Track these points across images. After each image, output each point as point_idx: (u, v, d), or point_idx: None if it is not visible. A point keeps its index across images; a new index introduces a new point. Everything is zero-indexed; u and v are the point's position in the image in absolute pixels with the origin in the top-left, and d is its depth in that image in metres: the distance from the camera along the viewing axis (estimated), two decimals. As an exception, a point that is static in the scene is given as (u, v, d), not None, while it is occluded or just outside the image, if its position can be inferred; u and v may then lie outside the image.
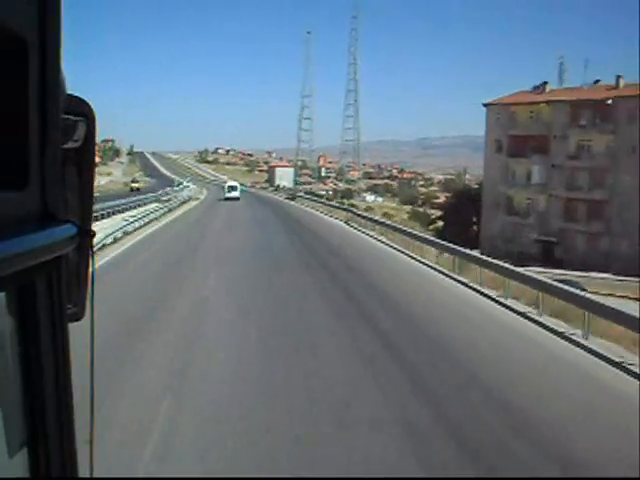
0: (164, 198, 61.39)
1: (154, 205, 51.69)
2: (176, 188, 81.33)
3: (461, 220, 70.00)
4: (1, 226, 0.89)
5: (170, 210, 51.53)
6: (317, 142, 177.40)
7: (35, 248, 0.96)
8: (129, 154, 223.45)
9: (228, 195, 68.90)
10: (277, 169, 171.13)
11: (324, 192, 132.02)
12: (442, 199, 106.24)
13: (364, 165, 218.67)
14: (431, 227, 76.42)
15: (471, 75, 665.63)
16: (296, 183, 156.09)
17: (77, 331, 1.24)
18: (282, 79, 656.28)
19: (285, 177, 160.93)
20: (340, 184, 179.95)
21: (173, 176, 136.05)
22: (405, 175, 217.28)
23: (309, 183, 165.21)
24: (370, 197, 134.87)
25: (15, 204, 0.95)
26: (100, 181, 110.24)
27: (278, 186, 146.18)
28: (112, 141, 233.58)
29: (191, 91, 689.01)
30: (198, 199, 74.63)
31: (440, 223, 79.24)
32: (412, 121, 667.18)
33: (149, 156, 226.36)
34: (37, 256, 0.97)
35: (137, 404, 9.15)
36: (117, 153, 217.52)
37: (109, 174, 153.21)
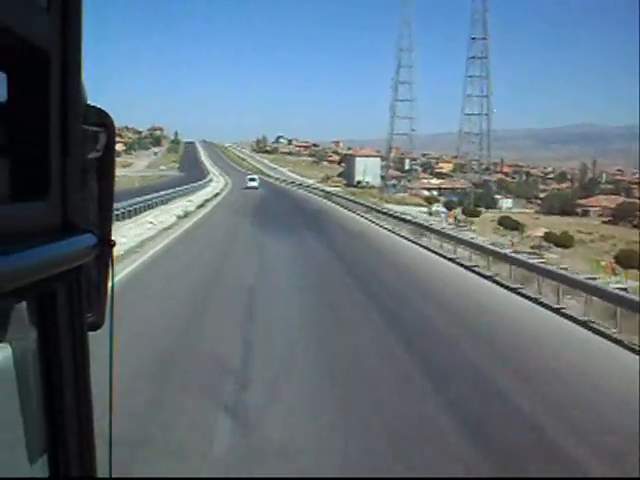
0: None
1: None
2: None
3: None
4: (22, 236, 0.91)
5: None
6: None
7: (56, 258, 0.98)
8: (173, 142, 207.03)
9: (249, 185, 69.99)
10: (358, 159, 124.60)
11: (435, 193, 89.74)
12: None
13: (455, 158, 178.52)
14: None
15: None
16: (382, 178, 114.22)
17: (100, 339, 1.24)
18: (351, 66, 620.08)
19: (370, 170, 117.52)
20: (437, 180, 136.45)
21: (213, 169, 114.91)
22: (505, 169, 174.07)
23: (396, 178, 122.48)
24: (506, 203, 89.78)
25: (36, 214, 0.97)
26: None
27: (359, 182, 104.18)
28: (161, 129, 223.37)
29: (251, 81, 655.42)
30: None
31: None
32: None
33: (198, 145, 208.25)
34: (58, 265, 0.99)
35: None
36: (157, 141, 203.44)
37: (126, 166, 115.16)
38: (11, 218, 0.92)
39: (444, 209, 56.95)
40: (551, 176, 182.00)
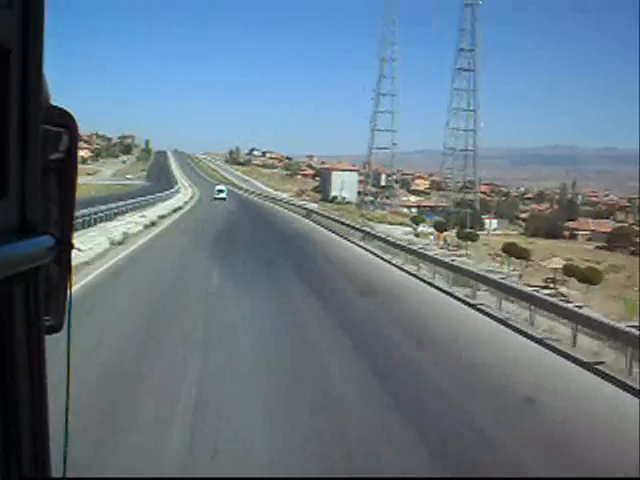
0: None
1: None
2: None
3: None
4: None
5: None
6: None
7: (13, 258, 0.96)
8: (144, 151, 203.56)
9: (217, 195, 69.45)
10: (335, 173, 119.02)
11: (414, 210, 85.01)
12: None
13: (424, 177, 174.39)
14: None
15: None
16: (358, 194, 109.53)
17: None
18: (327, 81, 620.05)
19: (347, 185, 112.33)
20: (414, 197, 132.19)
21: (183, 180, 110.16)
22: (482, 188, 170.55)
23: (373, 194, 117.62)
24: (492, 224, 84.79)
25: None
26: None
27: (335, 197, 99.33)
28: (132, 137, 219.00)
29: (227, 93, 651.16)
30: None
31: None
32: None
33: (170, 155, 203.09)
34: (14, 266, 0.97)
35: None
36: (128, 150, 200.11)
37: (91, 173, 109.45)
38: None
39: (430, 229, 52.12)
40: (529, 196, 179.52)
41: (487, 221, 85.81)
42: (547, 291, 25.11)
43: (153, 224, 34.06)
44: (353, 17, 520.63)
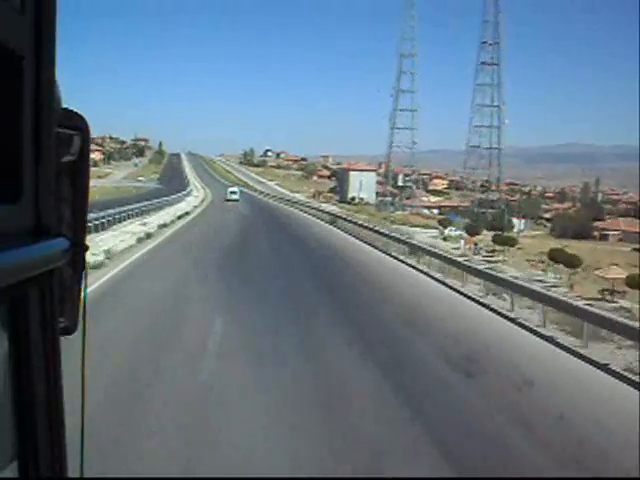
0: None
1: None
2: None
3: None
4: None
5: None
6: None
7: (27, 261, 0.97)
8: (157, 153, 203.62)
9: (229, 197, 68.85)
10: (352, 174, 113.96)
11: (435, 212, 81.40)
12: None
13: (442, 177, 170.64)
14: None
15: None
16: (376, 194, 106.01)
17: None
18: (342, 82, 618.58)
19: (366, 186, 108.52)
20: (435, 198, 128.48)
21: (196, 182, 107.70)
22: (503, 187, 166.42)
23: (392, 194, 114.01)
24: (519, 224, 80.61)
25: (7, 217, 0.96)
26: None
27: (353, 199, 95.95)
28: (146, 140, 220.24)
29: (241, 94, 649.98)
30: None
31: None
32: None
33: (183, 157, 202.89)
34: (29, 269, 0.98)
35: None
36: (141, 152, 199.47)
37: (102, 176, 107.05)
38: None
39: (459, 232, 48.49)
40: (549, 194, 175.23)
41: (516, 222, 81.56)
42: (607, 304, 21.77)
43: (149, 236, 28.77)
44: (366, 18, 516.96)
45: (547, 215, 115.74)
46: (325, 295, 17.68)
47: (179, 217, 42.19)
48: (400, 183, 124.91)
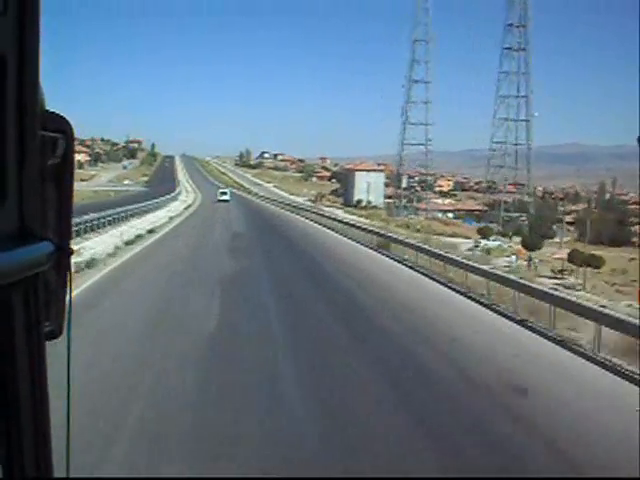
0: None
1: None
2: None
3: None
4: None
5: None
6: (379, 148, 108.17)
7: (12, 265, 0.98)
8: (150, 155, 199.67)
9: (220, 198, 71.76)
10: (358, 174, 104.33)
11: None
12: None
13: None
14: None
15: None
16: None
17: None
18: (339, 82, 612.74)
19: (373, 187, 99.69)
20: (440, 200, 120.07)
21: (187, 184, 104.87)
22: (509, 188, 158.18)
23: (398, 197, 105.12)
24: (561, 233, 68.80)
25: None
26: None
27: (360, 202, 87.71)
28: (139, 142, 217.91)
29: (236, 96, 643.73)
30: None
31: None
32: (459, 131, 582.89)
33: (177, 159, 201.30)
34: (14, 273, 0.98)
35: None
36: (133, 154, 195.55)
37: (86, 179, 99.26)
38: None
39: (497, 242, 39.79)
40: (559, 196, 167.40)
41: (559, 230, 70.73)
42: None
43: (89, 266, 19.18)
44: (364, 19, 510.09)
45: (568, 218, 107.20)
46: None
47: (150, 231, 31.16)
48: (404, 185, 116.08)
